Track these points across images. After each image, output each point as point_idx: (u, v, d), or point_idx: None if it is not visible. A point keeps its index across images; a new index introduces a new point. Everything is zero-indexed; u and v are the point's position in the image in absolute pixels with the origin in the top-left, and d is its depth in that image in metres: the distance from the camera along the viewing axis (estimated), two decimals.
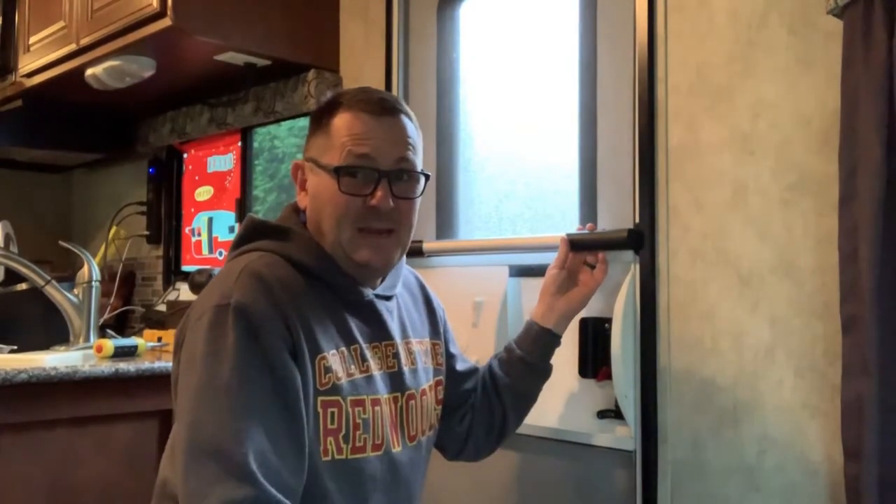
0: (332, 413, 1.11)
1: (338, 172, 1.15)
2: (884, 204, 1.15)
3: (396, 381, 1.22)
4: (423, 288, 1.40)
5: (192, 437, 1.02)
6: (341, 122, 1.17)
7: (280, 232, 1.19)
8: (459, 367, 1.41)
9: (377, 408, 1.17)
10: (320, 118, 1.20)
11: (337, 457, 1.11)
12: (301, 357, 1.08)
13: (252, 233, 1.21)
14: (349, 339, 1.16)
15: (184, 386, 1.07)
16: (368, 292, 1.21)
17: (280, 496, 0.99)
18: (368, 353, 1.18)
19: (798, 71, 1.35)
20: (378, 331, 1.22)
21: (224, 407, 1.01)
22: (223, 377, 1.02)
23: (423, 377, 1.28)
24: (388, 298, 1.24)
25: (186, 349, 1.09)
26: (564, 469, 1.60)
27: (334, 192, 1.15)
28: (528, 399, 1.42)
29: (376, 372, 1.19)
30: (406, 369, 1.23)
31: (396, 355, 1.23)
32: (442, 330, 1.39)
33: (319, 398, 1.09)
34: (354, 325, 1.18)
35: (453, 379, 1.38)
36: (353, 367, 1.15)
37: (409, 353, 1.26)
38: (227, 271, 1.13)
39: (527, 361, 1.39)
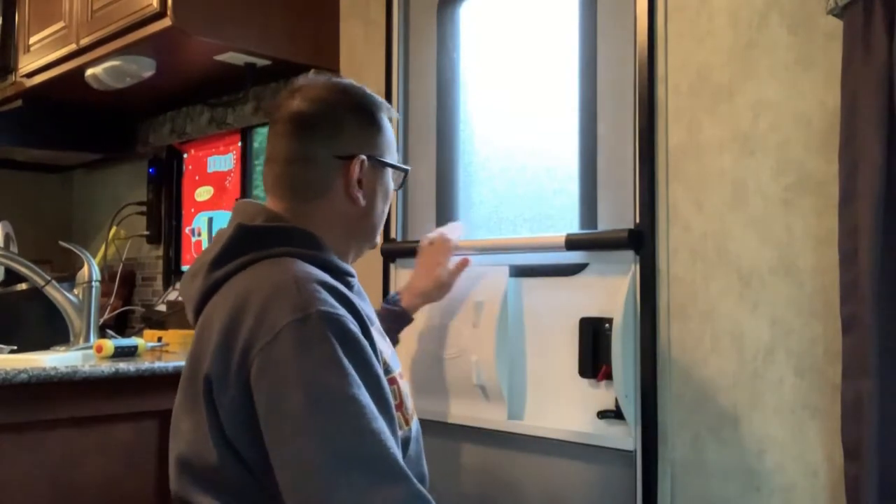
0: (395, 390, 1.14)
1: (401, 173, 1.27)
2: (884, 204, 1.15)
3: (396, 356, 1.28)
4: None
5: (327, 452, 0.96)
6: (387, 125, 1.25)
7: (281, 233, 1.15)
8: None
9: (404, 379, 1.24)
10: (372, 115, 1.22)
11: (405, 427, 1.16)
12: (374, 349, 1.08)
13: (249, 240, 1.14)
14: (371, 320, 1.18)
15: (289, 411, 0.98)
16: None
17: (423, 488, 1.00)
18: (382, 330, 1.24)
19: (798, 71, 1.35)
20: (371, 310, 1.25)
21: (352, 414, 0.98)
22: (336, 386, 0.99)
23: None
24: None
25: (269, 374, 1.00)
26: (564, 469, 1.59)
27: (390, 191, 1.26)
28: None
29: (392, 346, 1.27)
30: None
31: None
32: None
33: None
34: (364, 308, 1.19)
35: None
36: (384, 344, 1.20)
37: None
38: (272, 284, 1.05)
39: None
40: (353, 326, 1.04)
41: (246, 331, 1.02)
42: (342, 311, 1.04)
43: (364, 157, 1.19)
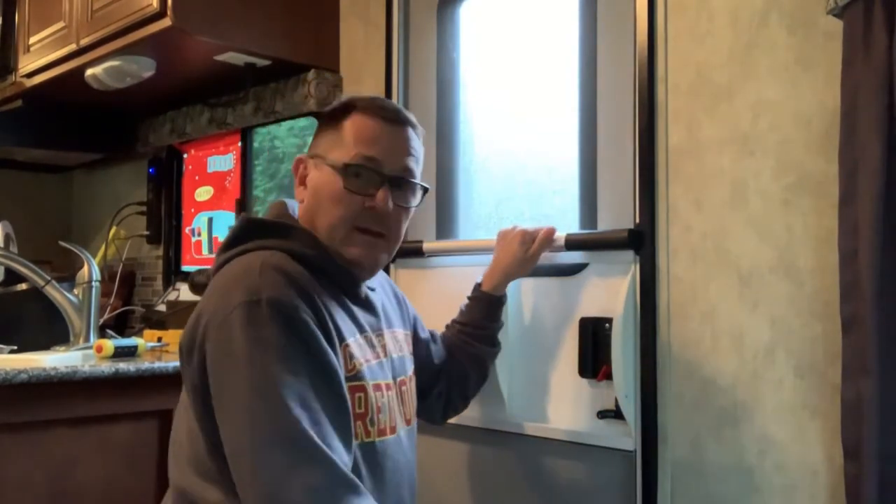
0: (360, 398, 1.15)
1: (345, 170, 1.18)
2: (884, 204, 1.15)
3: (394, 367, 1.28)
4: (390, 283, 1.47)
5: (256, 432, 1.01)
6: (354, 123, 1.21)
7: (280, 229, 1.20)
8: (433, 348, 1.49)
9: (389, 392, 1.23)
10: (332, 117, 1.24)
11: (366, 440, 1.15)
12: (332, 345, 1.10)
13: (249, 231, 1.20)
14: (360, 328, 1.21)
15: (228, 388, 1.04)
16: (364, 285, 1.26)
17: (350, 474, 1.02)
18: (375, 341, 1.24)
19: (798, 71, 1.35)
20: (375, 320, 1.27)
21: (282, 399, 1.01)
22: (272, 371, 1.02)
23: (409, 364, 1.35)
24: (372, 290, 1.30)
25: (218, 351, 1.06)
26: (564, 469, 1.60)
27: (337, 189, 1.18)
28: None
29: (383, 358, 1.25)
30: (396, 356, 1.30)
31: (389, 343, 1.29)
32: (411, 321, 1.45)
33: (347, 384, 1.12)
34: (359, 315, 1.23)
35: (429, 360, 1.46)
36: (368, 353, 1.21)
37: (396, 341, 1.32)
38: (242, 269, 1.11)
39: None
40: (305, 316, 1.07)
41: (211, 308, 1.09)
42: (296, 302, 1.07)
43: (305, 156, 1.25)
